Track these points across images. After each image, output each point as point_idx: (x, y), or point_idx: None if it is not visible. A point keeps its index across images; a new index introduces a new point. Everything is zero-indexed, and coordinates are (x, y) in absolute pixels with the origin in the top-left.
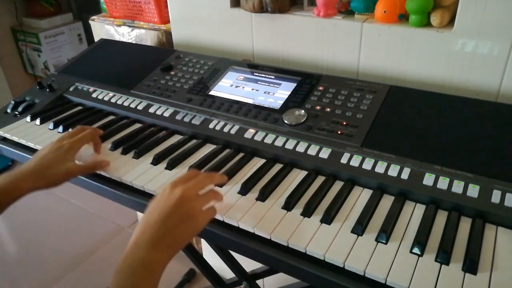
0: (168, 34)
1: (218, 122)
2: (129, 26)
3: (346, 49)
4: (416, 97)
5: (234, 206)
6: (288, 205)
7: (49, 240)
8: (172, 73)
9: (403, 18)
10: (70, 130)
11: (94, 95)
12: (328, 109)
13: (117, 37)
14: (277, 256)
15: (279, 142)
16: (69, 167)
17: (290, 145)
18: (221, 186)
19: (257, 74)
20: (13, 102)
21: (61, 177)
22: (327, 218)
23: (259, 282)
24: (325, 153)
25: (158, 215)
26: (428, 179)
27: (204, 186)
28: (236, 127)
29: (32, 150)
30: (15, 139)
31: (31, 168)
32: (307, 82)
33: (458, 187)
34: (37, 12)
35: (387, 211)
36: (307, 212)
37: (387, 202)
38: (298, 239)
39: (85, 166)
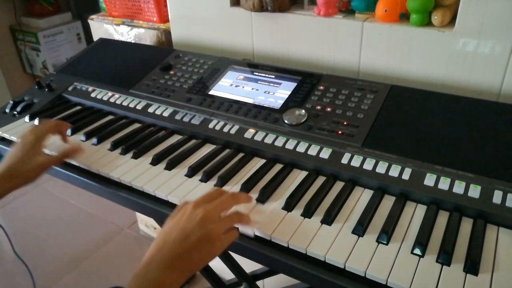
0: (167, 33)
1: (218, 122)
2: (128, 25)
3: (347, 48)
4: (417, 97)
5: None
6: (289, 206)
7: (48, 240)
8: (172, 72)
9: (404, 17)
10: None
11: (93, 95)
12: (328, 109)
13: (116, 37)
14: (277, 257)
15: (279, 142)
16: (40, 160)
17: (290, 145)
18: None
19: (257, 73)
20: (11, 102)
21: (34, 172)
22: (328, 219)
23: (259, 283)
24: (325, 153)
25: (177, 235)
26: (429, 180)
27: (228, 208)
28: (236, 127)
29: None
30: (14, 139)
31: (5, 169)
32: (307, 81)
33: (459, 187)
34: (36, 12)
35: (388, 212)
36: (308, 212)
37: (388, 202)
38: (298, 240)
39: (57, 156)
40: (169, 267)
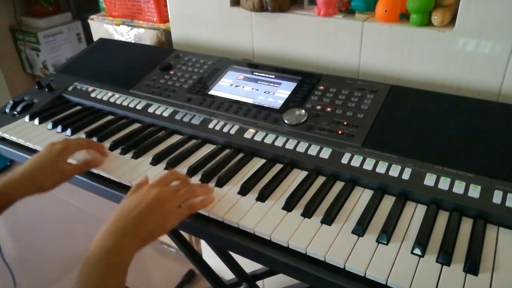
0: (167, 33)
1: (218, 122)
2: (128, 25)
3: (347, 48)
4: (417, 97)
5: (234, 206)
6: (289, 206)
7: (49, 240)
8: (172, 72)
9: (404, 17)
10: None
11: (93, 95)
12: (328, 109)
13: (116, 37)
14: (277, 257)
15: (279, 142)
16: (61, 169)
17: (290, 145)
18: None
19: (257, 73)
20: (11, 102)
21: (54, 180)
22: (328, 219)
23: (259, 283)
24: (325, 153)
25: (132, 207)
26: (429, 180)
27: (181, 189)
28: (236, 127)
29: (30, 150)
30: (14, 139)
31: (22, 173)
32: (307, 81)
33: (459, 187)
34: (36, 12)
35: (388, 212)
36: (308, 212)
37: (388, 202)
38: (298, 240)
39: (78, 166)
40: (125, 234)
